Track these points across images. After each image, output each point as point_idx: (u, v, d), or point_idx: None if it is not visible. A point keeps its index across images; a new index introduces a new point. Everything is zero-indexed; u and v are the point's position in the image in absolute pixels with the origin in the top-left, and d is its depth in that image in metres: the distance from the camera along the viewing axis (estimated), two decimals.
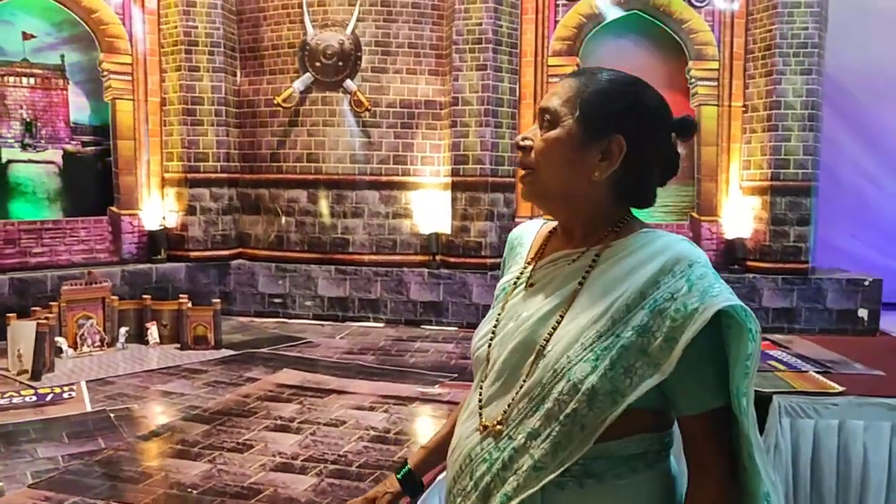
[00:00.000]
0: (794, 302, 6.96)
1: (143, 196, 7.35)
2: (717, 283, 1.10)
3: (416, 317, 7.19)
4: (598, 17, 7.16)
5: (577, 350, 1.12)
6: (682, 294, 1.08)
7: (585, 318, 1.14)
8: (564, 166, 1.18)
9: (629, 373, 1.09)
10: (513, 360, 1.20)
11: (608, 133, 1.16)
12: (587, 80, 1.21)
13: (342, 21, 7.21)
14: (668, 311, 1.08)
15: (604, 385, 1.09)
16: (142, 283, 7.03)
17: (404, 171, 7.33)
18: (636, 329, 1.09)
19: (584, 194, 1.19)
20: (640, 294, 1.11)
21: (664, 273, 1.11)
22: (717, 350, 1.10)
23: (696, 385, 1.12)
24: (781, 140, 6.96)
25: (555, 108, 1.19)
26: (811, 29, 6.88)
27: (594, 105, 1.17)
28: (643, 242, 1.17)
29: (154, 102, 7.35)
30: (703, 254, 1.17)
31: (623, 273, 1.15)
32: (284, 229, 7.53)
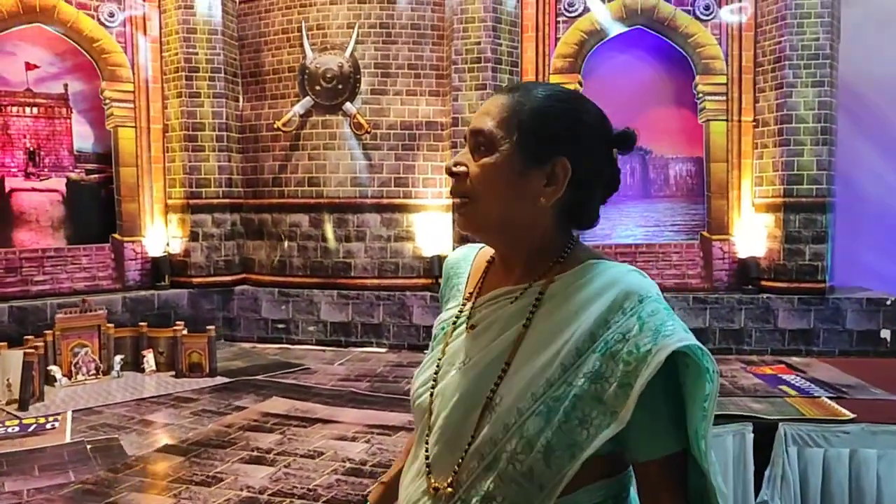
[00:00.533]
0: (811, 323, 6.67)
1: (145, 223, 7.35)
2: (669, 320, 1.03)
3: (419, 341, 7.04)
4: (599, 33, 7.02)
5: (527, 402, 1.05)
6: (634, 334, 1.01)
7: (534, 366, 1.06)
8: (505, 195, 1.09)
9: (585, 423, 1.02)
10: (457, 414, 1.11)
11: (552, 156, 1.09)
12: (522, 98, 1.12)
13: (341, 44, 7.17)
14: (620, 353, 1.01)
15: (560, 439, 1.02)
16: (144, 309, 7.00)
17: (406, 193, 7.22)
18: (588, 376, 1.02)
19: (528, 223, 1.11)
20: (590, 336, 1.04)
21: (614, 311, 1.04)
22: (672, 392, 1.04)
23: (651, 429, 1.05)
24: (794, 155, 6.71)
25: (490, 131, 1.10)
26: (822, 39, 6.64)
27: (534, 126, 1.09)
28: (590, 276, 1.09)
29: (156, 129, 7.37)
30: (654, 285, 1.09)
31: (570, 312, 1.07)
32: (287, 254, 7.47)
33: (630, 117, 7.01)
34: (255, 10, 7.51)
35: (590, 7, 7.00)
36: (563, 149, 1.09)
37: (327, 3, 7.18)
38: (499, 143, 1.09)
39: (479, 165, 1.10)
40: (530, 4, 7.05)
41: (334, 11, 7.17)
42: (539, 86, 1.16)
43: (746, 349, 6.69)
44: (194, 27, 7.19)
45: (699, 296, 6.79)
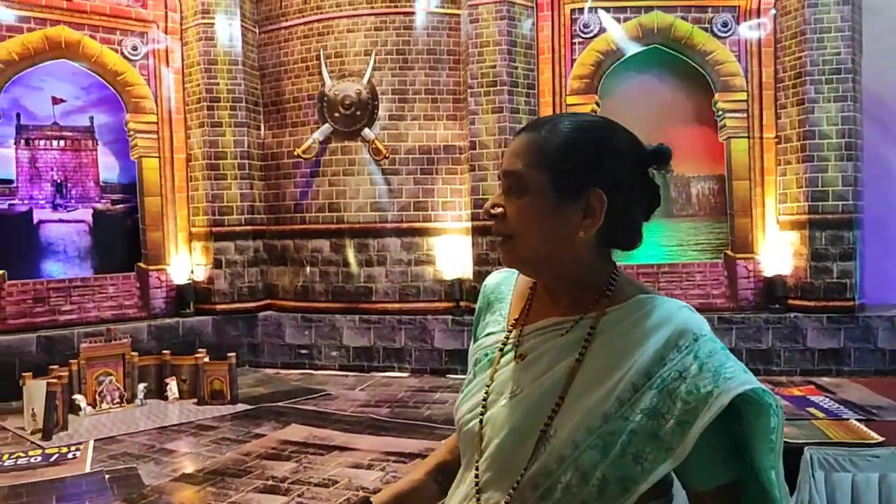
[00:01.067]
0: (841, 342, 6.51)
1: (170, 251, 7.46)
2: (728, 361, 1.04)
3: (441, 365, 7.02)
4: (616, 53, 6.99)
5: (583, 435, 1.05)
6: (693, 374, 1.03)
7: (590, 400, 1.07)
8: (543, 232, 1.11)
9: (639, 458, 1.03)
10: (510, 444, 1.12)
11: (585, 189, 1.09)
12: (549, 135, 1.12)
13: (359, 71, 7.24)
14: (678, 391, 1.02)
15: (614, 473, 1.03)
16: (169, 337, 7.08)
17: (425, 216, 7.24)
18: (645, 412, 1.03)
19: (570, 257, 1.12)
20: (645, 372, 1.05)
21: (669, 348, 1.05)
22: (726, 426, 1.05)
23: (706, 462, 1.06)
24: (818, 171, 6.59)
25: (520, 172, 1.11)
26: (843, 54, 6.54)
27: (564, 162, 1.10)
28: (643, 312, 1.10)
29: (180, 159, 7.49)
30: (706, 323, 1.10)
31: (625, 348, 1.08)
32: (309, 279, 7.51)
33: (649, 137, 6.89)
34: (275, 39, 7.62)
35: (605, 27, 6.99)
36: (596, 179, 1.09)
37: (345, 31, 7.27)
38: (531, 184, 1.11)
39: (514, 207, 1.12)
40: (546, 27, 7.06)
41: (351, 39, 7.25)
42: (565, 118, 1.16)
43: (775, 370, 6.55)
44: (215, 58, 7.32)
45: (724, 315, 6.67)
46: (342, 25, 7.29)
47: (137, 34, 7.27)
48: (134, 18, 7.23)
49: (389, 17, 7.22)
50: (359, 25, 7.26)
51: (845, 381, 6.32)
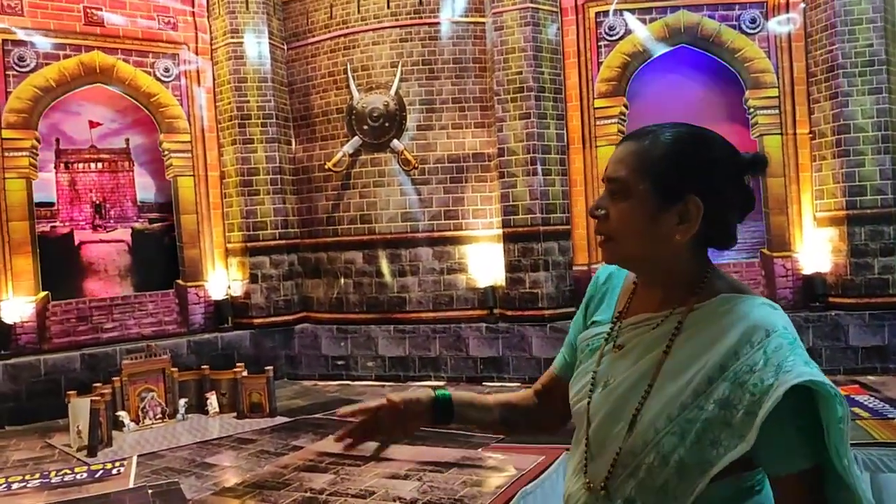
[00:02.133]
0: (885, 339, 6.36)
1: (207, 267, 7.58)
2: (791, 355, 1.11)
3: (477, 373, 7.02)
4: (643, 54, 6.95)
5: (663, 422, 1.16)
6: (760, 368, 1.11)
7: (671, 390, 1.17)
8: (643, 234, 1.21)
9: (715, 444, 1.12)
10: (606, 428, 1.24)
11: (683, 196, 1.18)
12: (651, 145, 1.21)
13: (386, 83, 7.30)
14: (747, 384, 1.11)
15: (692, 457, 1.13)
16: (209, 351, 7.20)
17: (456, 225, 7.26)
18: (718, 402, 1.12)
19: (666, 257, 1.22)
20: (720, 367, 1.14)
21: (743, 343, 1.13)
22: (801, 413, 1.11)
23: (782, 448, 1.13)
24: (855, 166, 6.46)
25: (624, 178, 1.21)
26: (876, 45, 6.42)
27: (664, 171, 1.19)
28: (724, 310, 1.19)
29: (214, 176, 7.63)
30: (783, 318, 1.17)
31: (705, 343, 1.17)
32: (343, 291, 7.58)
33: None
34: (303, 55, 7.72)
35: (631, 29, 6.95)
36: (694, 187, 1.17)
37: (370, 44, 7.34)
38: (633, 189, 1.20)
39: (618, 210, 1.22)
40: (571, 31, 7.04)
41: (377, 52, 7.32)
42: (666, 129, 1.23)
43: None
44: (245, 76, 7.44)
45: None
46: (368, 38, 7.36)
47: (169, 56, 7.43)
48: (165, 41, 7.39)
49: (414, 27, 7.27)
50: (384, 38, 7.32)
51: (891, 378, 6.19)
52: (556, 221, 6.92)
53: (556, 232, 6.91)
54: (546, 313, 6.75)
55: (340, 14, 7.48)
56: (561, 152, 6.99)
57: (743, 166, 1.22)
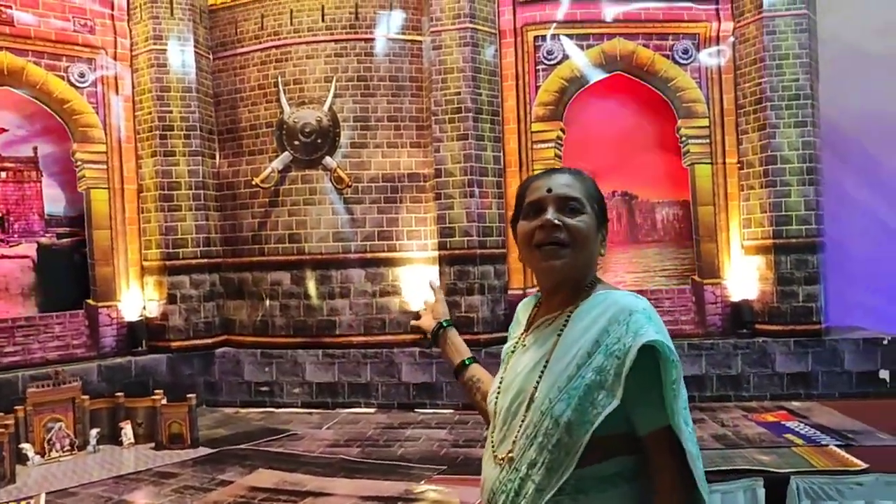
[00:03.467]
0: (809, 366, 6.53)
1: (121, 286, 7.09)
2: (646, 323, 1.43)
3: (410, 400, 6.80)
4: (580, 80, 6.97)
5: (554, 392, 1.46)
6: (623, 336, 1.41)
7: (560, 366, 1.48)
8: (590, 246, 1.56)
9: (594, 404, 1.41)
10: (513, 407, 1.54)
11: (604, 221, 1.63)
12: (584, 179, 1.62)
13: (319, 98, 7.05)
14: (615, 352, 1.41)
15: (576, 417, 1.42)
16: (121, 377, 6.70)
17: (390, 246, 7.05)
18: (595, 369, 1.42)
19: (591, 264, 1.59)
20: (595, 342, 1.45)
21: (612, 323, 1.45)
22: (658, 378, 1.41)
23: (645, 407, 1.43)
24: (781, 196, 6.65)
25: (581, 199, 1.56)
26: (802, 80, 6.64)
27: (598, 200, 1.62)
28: (599, 300, 1.52)
29: (131, 190, 7.16)
30: (644, 302, 1.50)
31: (585, 327, 1.49)
32: (269, 313, 7.23)
33: (615, 163, 6.97)
34: (231, 66, 7.39)
35: (569, 54, 6.97)
36: (605, 217, 1.65)
37: (304, 57, 7.09)
38: (586, 208, 1.57)
39: (580, 222, 1.55)
40: (509, 53, 7.00)
41: (311, 66, 7.08)
42: (581, 172, 1.65)
43: (745, 395, 6.54)
44: (168, 85, 7.04)
45: (693, 342, 6.64)
46: (301, 52, 7.11)
47: (85, 60, 6.95)
48: (81, 44, 6.91)
49: (350, 43, 7.07)
50: (318, 52, 7.09)
51: (815, 404, 6.34)
52: (493, 245, 6.82)
53: (492, 255, 6.81)
54: (482, 338, 6.62)
55: (272, 25, 7.20)
56: (498, 175, 6.91)
57: None
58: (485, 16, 6.88)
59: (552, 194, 1.57)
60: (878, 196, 7.79)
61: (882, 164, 7.69)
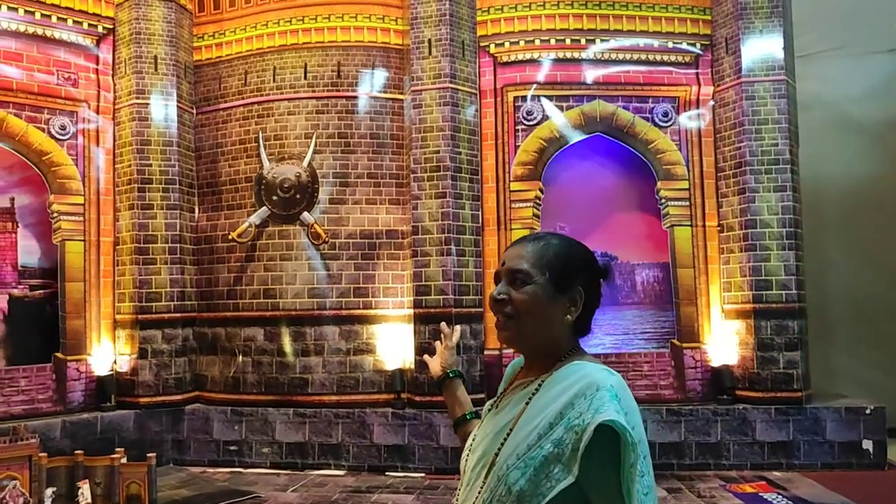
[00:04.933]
0: (790, 434, 6.37)
1: (91, 340, 6.98)
2: (608, 402, 1.36)
3: (381, 462, 6.62)
4: (559, 140, 6.98)
5: (513, 459, 1.42)
6: (584, 412, 1.36)
7: (522, 434, 1.44)
8: (541, 314, 1.51)
9: (549, 478, 1.37)
10: (476, 468, 1.52)
11: (572, 286, 1.53)
12: (545, 246, 1.55)
13: (299, 154, 7.06)
14: (575, 426, 1.36)
15: (529, 488, 1.38)
16: (86, 434, 6.55)
17: (366, 303, 6.96)
18: (553, 442, 1.38)
19: (554, 334, 1.52)
20: (559, 414, 1.39)
21: (578, 397, 1.39)
22: (614, 454, 1.34)
23: (604, 490, 1.36)
24: (761, 260, 6.58)
25: (527, 270, 1.53)
26: (781, 145, 6.65)
27: (560, 266, 1.53)
28: (571, 372, 1.47)
29: (107, 242, 7.11)
30: (615, 379, 1.44)
31: (552, 397, 1.44)
32: (241, 370, 7.10)
33: (594, 223, 6.92)
34: (213, 121, 7.42)
35: (549, 115, 7.00)
36: (577, 280, 1.53)
37: (285, 113, 7.12)
38: (534, 278, 1.51)
39: (522, 293, 1.52)
40: (489, 113, 7.03)
41: (292, 122, 7.10)
42: (553, 236, 1.60)
43: (725, 464, 6.36)
44: (149, 139, 7.06)
45: (673, 407, 6.49)
46: (282, 108, 7.15)
47: (67, 113, 6.98)
48: (64, 97, 6.95)
49: (331, 100, 7.11)
50: (300, 108, 7.12)
51: (796, 475, 6.17)
52: (469, 304, 6.73)
53: (468, 314, 6.71)
54: None
55: (255, 81, 7.26)
56: (476, 233, 6.86)
57: (600, 271, 1.58)
58: (465, 76, 6.93)
59: (504, 267, 1.57)
60: (860, 261, 7.73)
61: (864, 230, 7.65)
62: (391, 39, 7.16)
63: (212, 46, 7.48)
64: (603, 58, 7.05)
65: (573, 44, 7.05)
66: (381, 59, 7.14)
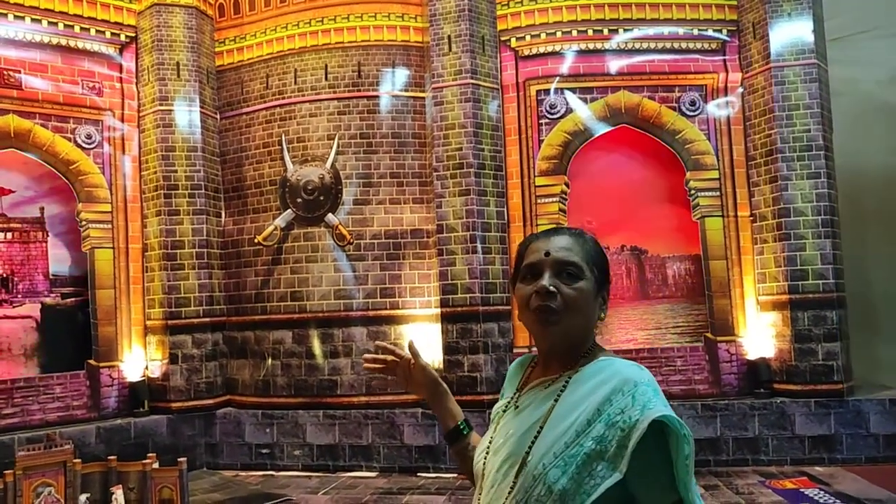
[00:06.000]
0: (832, 428, 6.18)
1: (123, 346, 7.04)
2: (654, 397, 1.36)
3: (412, 463, 6.58)
4: (584, 133, 6.86)
5: (550, 458, 1.38)
6: (628, 408, 1.34)
7: (557, 432, 1.40)
8: (588, 311, 1.50)
9: (592, 475, 1.34)
10: (503, 470, 1.46)
11: (605, 284, 1.54)
12: (585, 241, 1.54)
13: (322, 156, 7.04)
14: (618, 423, 1.33)
15: (572, 486, 1.34)
16: (120, 439, 6.61)
17: (392, 304, 6.92)
18: (595, 439, 1.35)
19: (590, 330, 1.53)
20: (597, 410, 1.37)
21: (615, 392, 1.38)
22: (664, 454, 1.33)
23: (652, 484, 1.34)
24: (796, 249, 6.39)
25: (579, 264, 1.50)
26: (814, 131, 6.45)
27: (599, 264, 1.53)
28: (601, 368, 1.45)
29: (135, 249, 7.17)
30: (648, 375, 1.43)
31: (585, 394, 1.41)
32: (271, 373, 7.10)
33: (622, 216, 6.80)
34: (236, 125, 7.44)
35: (572, 108, 6.89)
36: (607, 279, 1.55)
37: (307, 115, 7.11)
38: (584, 274, 1.49)
39: (574, 289, 1.48)
40: (512, 108, 6.94)
41: (314, 124, 7.08)
42: (578, 232, 1.57)
43: (764, 459, 6.20)
44: (173, 145, 7.09)
45: (708, 402, 6.35)
46: (304, 110, 7.14)
47: (92, 122, 7.04)
48: (89, 106, 7.02)
49: (353, 100, 7.08)
50: (321, 110, 7.10)
51: (839, 469, 5.98)
52: (497, 301, 6.65)
53: (496, 312, 6.63)
54: (485, 398, 6.40)
55: (277, 84, 7.26)
56: (501, 230, 6.78)
57: None
58: (486, 71, 6.85)
59: (550, 258, 1.51)
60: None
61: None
62: (411, 37, 7.10)
63: (233, 51, 7.50)
64: (626, 48, 6.92)
65: (595, 34, 6.92)
66: (402, 57, 7.09)
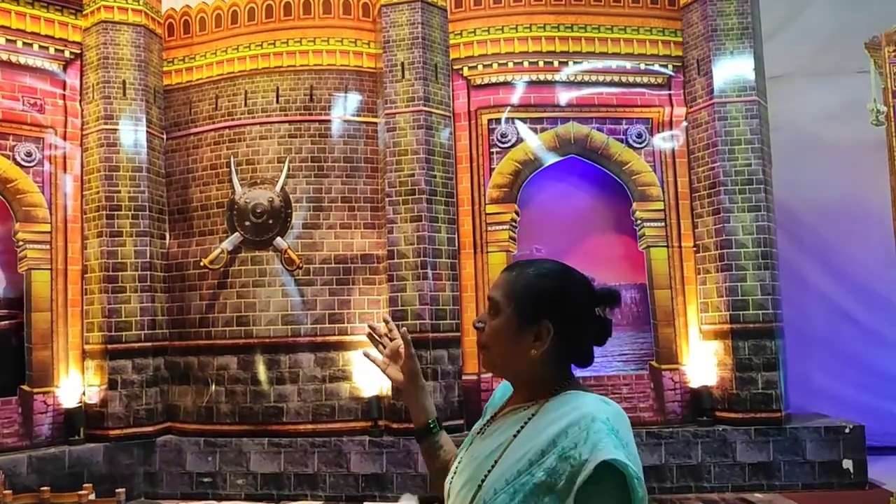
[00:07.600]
0: (770, 455, 6.35)
1: (59, 371, 6.79)
2: (605, 437, 1.32)
3: (359, 492, 6.49)
4: (534, 162, 6.96)
5: (501, 484, 1.38)
6: (581, 444, 1.32)
7: (512, 459, 1.40)
8: (507, 347, 1.49)
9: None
10: (461, 493, 1.47)
11: (538, 320, 1.46)
12: (517, 276, 1.51)
13: (272, 178, 6.97)
14: (570, 457, 1.32)
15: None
16: (53, 469, 6.35)
17: (341, 329, 6.85)
18: (546, 470, 1.34)
19: (525, 366, 1.48)
20: (552, 442, 1.36)
21: (572, 425, 1.36)
22: (612, 491, 1.30)
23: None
24: (737, 280, 6.58)
25: (497, 300, 1.50)
26: (754, 165, 6.68)
27: (524, 298, 1.48)
28: (566, 401, 1.43)
29: (74, 271, 6.95)
30: (612, 410, 1.39)
31: (545, 425, 1.40)
32: (214, 399, 6.94)
33: (570, 245, 6.89)
34: (184, 146, 7.31)
35: (523, 137, 6.98)
36: (547, 314, 1.45)
37: (257, 138, 7.04)
38: (503, 309, 1.49)
39: (490, 326, 1.51)
40: (463, 136, 7.01)
41: (264, 146, 7.02)
42: (533, 265, 1.53)
43: (706, 486, 6.31)
44: (117, 165, 6.93)
45: (653, 430, 6.45)
46: (254, 132, 7.06)
47: (32, 139, 6.83)
48: (29, 123, 6.81)
49: (304, 124, 7.04)
50: (272, 132, 7.04)
51: (777, 496, 6.14)
52: (447, 328, 6.65)
53: (445, 339, 6.63)
54: None
55: (226, 106, 7.17)
56: (452, 257, 6.80)
57: (597, 299, 1.48)
58: (439, 99, 6.90)
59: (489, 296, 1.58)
60: (836, 280, 7.78)
61: (838, 248, 7.70)
62: (364, 63, 7.12)
63: (182, 71, 7.39)
64: (576, 80, 7.07)
65: (546, 66, 7.06)
66: (354, 82, 7.10)
